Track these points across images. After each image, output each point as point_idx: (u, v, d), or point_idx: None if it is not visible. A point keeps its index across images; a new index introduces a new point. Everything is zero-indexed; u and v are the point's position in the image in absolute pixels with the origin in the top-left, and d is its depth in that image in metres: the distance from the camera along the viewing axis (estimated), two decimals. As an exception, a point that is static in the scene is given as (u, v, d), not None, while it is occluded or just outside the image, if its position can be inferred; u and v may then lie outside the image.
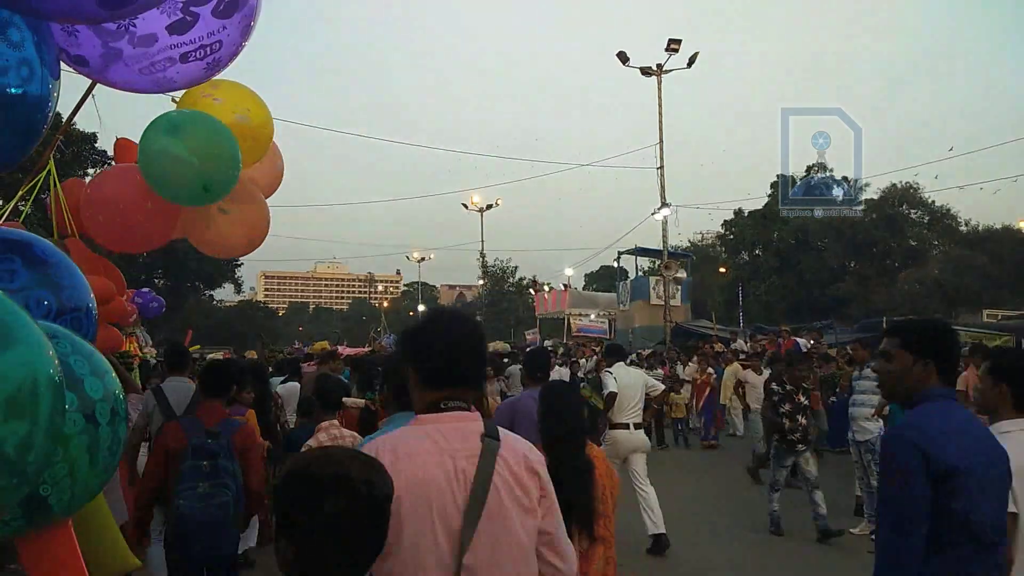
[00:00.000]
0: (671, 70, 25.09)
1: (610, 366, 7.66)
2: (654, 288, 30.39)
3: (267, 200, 4.61)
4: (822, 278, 44.24)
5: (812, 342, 19.90)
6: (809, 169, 52.03)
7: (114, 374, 1.93)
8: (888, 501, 2.30)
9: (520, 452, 1.95)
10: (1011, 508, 2.56)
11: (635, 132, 35.32)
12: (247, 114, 3.80)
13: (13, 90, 1.61)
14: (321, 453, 1.51)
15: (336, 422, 4.42)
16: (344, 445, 3.77)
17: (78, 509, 1.80)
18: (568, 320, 34.02)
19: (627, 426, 7.19)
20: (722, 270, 49.69)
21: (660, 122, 25.74)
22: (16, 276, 1.90)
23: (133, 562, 2.09)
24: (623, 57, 25.12)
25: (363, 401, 7.25)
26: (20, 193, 4.46)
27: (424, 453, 1.82)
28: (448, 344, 1.94)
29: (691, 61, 24.73)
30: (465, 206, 44.50)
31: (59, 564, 1.76)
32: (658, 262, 30.46)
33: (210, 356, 18.49)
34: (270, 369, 9.55)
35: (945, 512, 2.20)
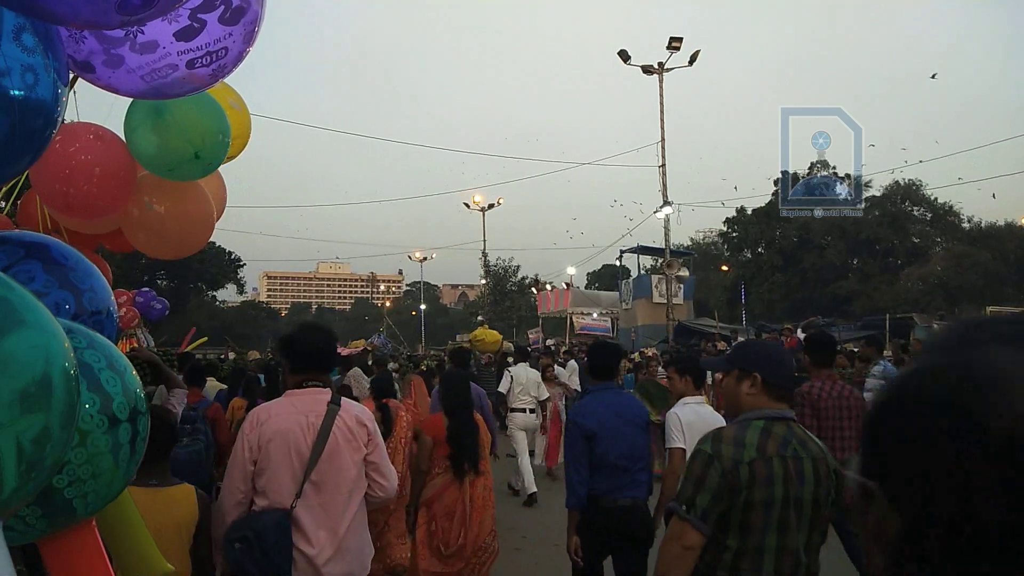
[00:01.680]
0: (672, 68, 25.10)
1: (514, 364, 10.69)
2: (656, 286, 30.39)
3: (219, 212, 4.56)
4: (825, 276, 44.22)
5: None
6: (812, 167, 52.06)
7: (133, 371, 1.88)
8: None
9: (353, 413, 3.18)
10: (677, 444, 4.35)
11: (637, 130, 35.32)
12: (237, 102, 3.88)
13: (21, 95, 1.62)
14: None
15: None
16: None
17: (101, 508, 1.79)
18: (571, 319, 34.00)
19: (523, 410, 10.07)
20: (724, 268, 49.66)
21: (662, 120, 25.78)
22: (35, 279, 1.88)
23: (165, 566, 2.05)
24: (624, 55, 25.14)
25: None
26: (1, 191, 4.44)
27: (286, 414, 3.08)
28: (305, 345, 3.21)
29: (692, 59, 24.73)
30: (467, 205, 44.49)
31: (84, 566, 1.75)
32: (660, 260, 30.47)
33: (210, 356, 18.69)
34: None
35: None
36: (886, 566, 0.74)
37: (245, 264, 58.98)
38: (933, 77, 31.25)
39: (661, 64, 25.05)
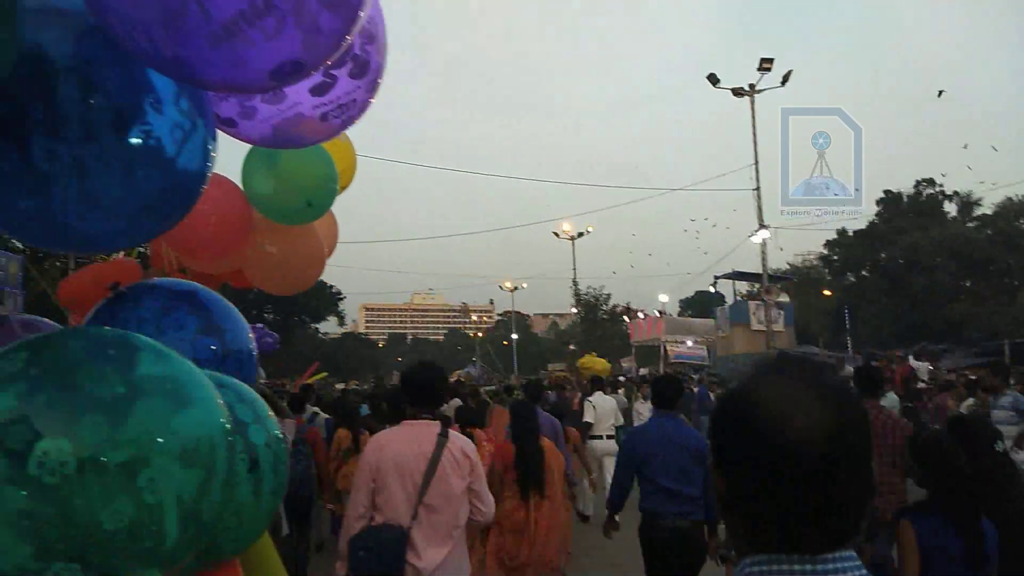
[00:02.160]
0: (764, 89, 24.63)
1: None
2: (754, 313, 29.53)
3: (328, 249, 4.76)
4: (936, 299, 41.85)
5: (931, 367, 18.82)
6: (917, 184, 49.70)
7: (273, 418, 2.02)
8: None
9: (459, 445, 3.62)
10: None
11: (730, 154, 34.71)
12: (344, 136, 4.00)
13: (177, 154, 1.81)
14: None
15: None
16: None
17: (245, 548, 1.93)
18: (664, 347, 33.44)
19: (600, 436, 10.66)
20: (827, 293, 47.75)
21: (755, 143, 25.26)
22: (185, 325, 2.08)
23: None
24: (713, 79, 24.86)
25: None
26: None
27: (402, 441, 3.57)
28: (420, 382, 3.72)
29: (785, 79, 24.22)
30: (556, 235, 44.67)
31: None
32: (757, 286, 29.65)
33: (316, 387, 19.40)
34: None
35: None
36: (720, 512, 1.16)
37: (345, 297, 61.06)
38: (939, 95, 29.56)
39: (752, 86, 24.62)
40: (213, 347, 2.14)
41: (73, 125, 1.75)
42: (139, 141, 1.79)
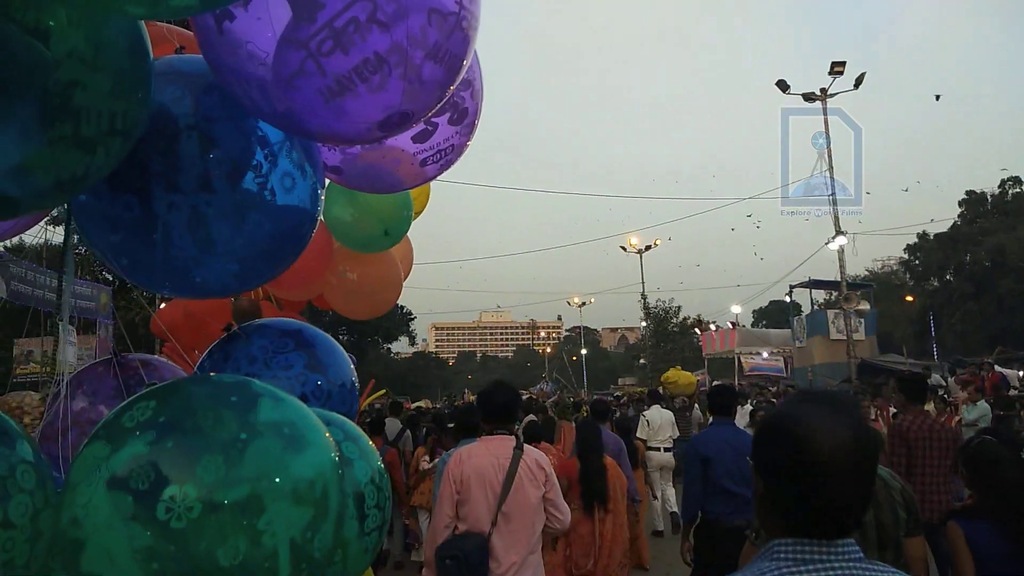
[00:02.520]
0: (836, 93, 23.97)
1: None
2: (833, 322, 28.62)
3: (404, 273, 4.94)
4: (1026, 302, 39.67)
5: (1021, 374, 17.86)
6: (1003, 184, 47.39)
7: (375, 453, 2.10)
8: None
9: (533, 457, 3.80)
10: None
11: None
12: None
13: (289, 202, 1.90)
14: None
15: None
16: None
17: None
18: (738, 359, 32.69)
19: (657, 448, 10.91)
20: (909, 299, 45.85)
21: (828, 148, 24.57)
22: (293, 364, 2.17)
23: None
24: (783, 85, 24.34)
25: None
26: None
27: (481, 455, 3.77)
28: (495, 401, 3.95)
29: (858, 82, 23.53)
30: (624, 248, 44.32)
31: None
32: (834, 294, 28.74)
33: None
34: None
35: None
36: (756, 509, 1.48)
37: (416, 317, 62.03)
38: (937, 99, 28.89)
39: (824, 90, 24.00)
40: (319, 382, 2.21)
41: (192, 177, 1.86)
42: (252, 190, 1.88)
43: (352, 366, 2.54)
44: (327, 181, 3.38)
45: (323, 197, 2.01)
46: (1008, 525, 2.97)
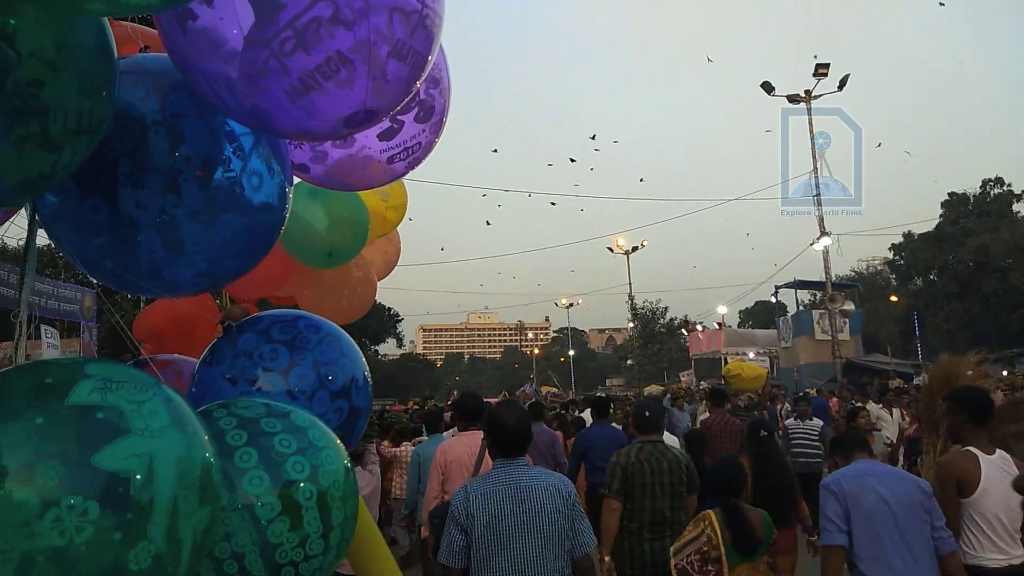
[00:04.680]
0: (820, 95, 24.18)
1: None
2: (818, 322, 28.84)
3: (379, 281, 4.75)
4: (1009, 301, 40.07)
5: (1005, 373, 18.05)
6: (984, 184, 47.87)
7: (337, 448, 2.02)
8: None
9: None
10: None
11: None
12: (388, 191, 3.93)
13: (257, 199, 1.91)
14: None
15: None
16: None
17: None
18: (725, 359, 32.85)
19: None
20: (894, 299, 46.22)
21: (813, 149, 24.76)
22: (277, 356, 2.18)
23: None
24: (768, 87, 24.54)
25: None
26: None
27: (459, 446, 4.91)
28: (468, 406, 5.24)
29: (842, 84, 23.75)
30: (611, 250, 44.45)
31: None
32: (820, 294, 28.95)
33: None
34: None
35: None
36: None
37: (403, 319, 61.96)
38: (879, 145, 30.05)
39: (808, 92, 24.20)
40: (331, 377, 2.25)
41: (159, 175, 1.87)
42: (221, 187, 1.89)
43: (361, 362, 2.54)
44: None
45: (291, 195, 2.02)
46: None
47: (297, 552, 1.82)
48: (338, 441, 2.07)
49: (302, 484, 1.85)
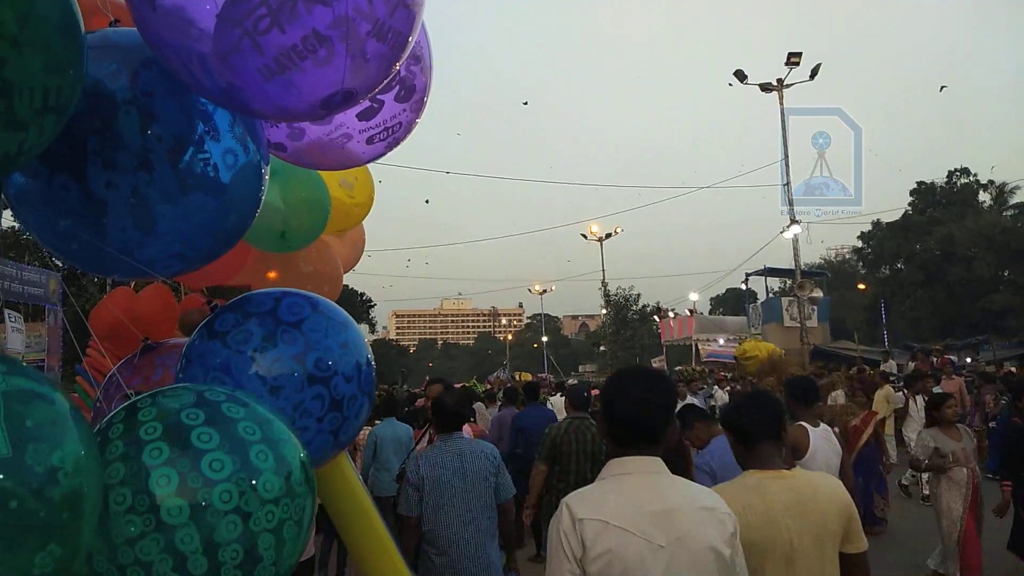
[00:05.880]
0: (792, 84, 24.34)
1: None
2: (787, 309, 29.19)
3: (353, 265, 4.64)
4: (974, 290, 40.93)
5: (969, 360, 18.49)
6: (951, 174, 48.71)
7: (293, 443, 1.79)
8: None
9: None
10: None
11: (760, 150, 34.32)
12: (352, 183, 3.83)
13: (233, 179, 1.86)
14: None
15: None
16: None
17: None
18: (695, 346, 33.20)
19: None
20: (861, 287, 46.96)
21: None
22: (252, 336, 2.02)
23: None
24: (741, 75, 24.64)
25: None
26: None
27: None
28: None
29: (814, 73, 23.90)
30: (584, 236, 44.54)
31: None
32: (789, 282, 29.29)
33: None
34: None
35: None
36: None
37: (376, 304, 61.65)
38: (941, 90, 30.39)
39: (780, 81, 24.35)
40: (280, 363, 2.09)
41: (130, 154, 1.81)
42: (194, 168, 1.84)
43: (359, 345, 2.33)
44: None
45: (267, 175, 1.98)
46: None
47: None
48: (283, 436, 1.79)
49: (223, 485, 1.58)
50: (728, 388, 18.24)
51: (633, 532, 1.84)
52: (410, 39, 1.64)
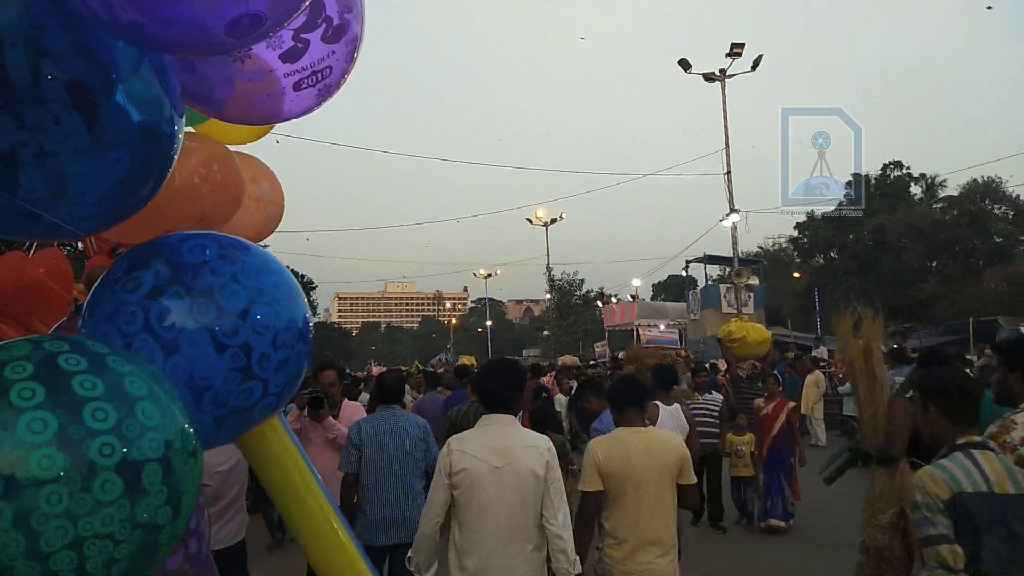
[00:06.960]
0: (734, 75, 24.71)
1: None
2: (725, 296, 29.77)
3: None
4: (903, 280, 42.47)
5: (896, 346, 19.15)
6: (884, 168, 50.32)
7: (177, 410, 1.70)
8: None
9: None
10: None
11: (702, 139, 34.82)
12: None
13: (141, 127, 1.69)
14: None
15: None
16: None
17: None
18: (637, 331, 33.58)
19: None
20: (796, 275, 48.26)
21: (725, 127, 25.35)
22: (142, 283, 1.83)
23: None
24: (685, 64, 24.87)
25: None
26: None
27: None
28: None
29: (755, 64, 24.30)
30: (530, 221, 44.53)
31: None
32: (728, 270, 29.87)
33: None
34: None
35: None
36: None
37: (317, 286, 60.53)
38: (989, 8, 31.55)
39: (723, 71, 24.68)
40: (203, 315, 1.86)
41: (26, 98, 1.61)
42: (98, 116, 1.66)
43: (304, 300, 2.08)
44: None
45: (181, 128, 1.80)
46: None
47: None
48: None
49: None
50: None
51: (479, 458, 3.02)
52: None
